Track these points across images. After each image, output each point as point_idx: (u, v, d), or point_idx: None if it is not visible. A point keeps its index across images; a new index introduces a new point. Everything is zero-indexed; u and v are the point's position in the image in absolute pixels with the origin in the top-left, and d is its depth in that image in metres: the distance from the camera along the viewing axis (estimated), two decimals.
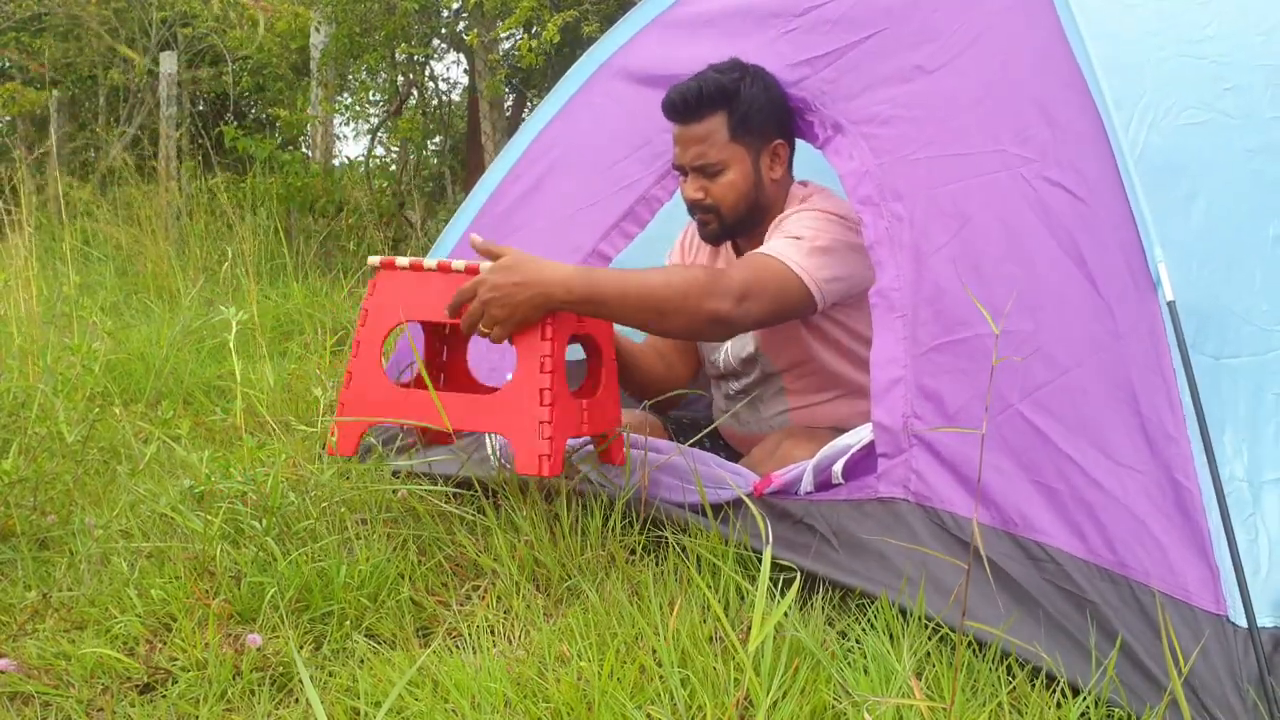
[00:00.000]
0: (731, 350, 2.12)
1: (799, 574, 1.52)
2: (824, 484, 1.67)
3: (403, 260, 1.77)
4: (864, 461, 1.63)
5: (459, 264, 1.72)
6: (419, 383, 1.82)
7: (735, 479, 1.78)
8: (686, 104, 1.94)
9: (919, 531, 1.49)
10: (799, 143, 2.04)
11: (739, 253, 2.10)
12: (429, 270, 1.75)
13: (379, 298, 1.78)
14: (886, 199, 1.71)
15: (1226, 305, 1.34)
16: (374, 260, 1.79)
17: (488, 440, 1.99)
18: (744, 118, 1.93)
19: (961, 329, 1.53)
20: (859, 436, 1.65)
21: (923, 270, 1.62)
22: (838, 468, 1.64)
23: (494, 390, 1.85)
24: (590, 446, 1.93)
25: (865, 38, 1.87)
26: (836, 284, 1.85)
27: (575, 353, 1.94)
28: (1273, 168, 1.47)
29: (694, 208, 2.01)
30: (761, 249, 1.86)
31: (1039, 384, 1.41)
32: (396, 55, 7.02)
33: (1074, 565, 1.31)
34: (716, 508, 1.76)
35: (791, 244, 1.84)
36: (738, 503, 1.72)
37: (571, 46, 5.77)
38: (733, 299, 1.74)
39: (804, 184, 2.07)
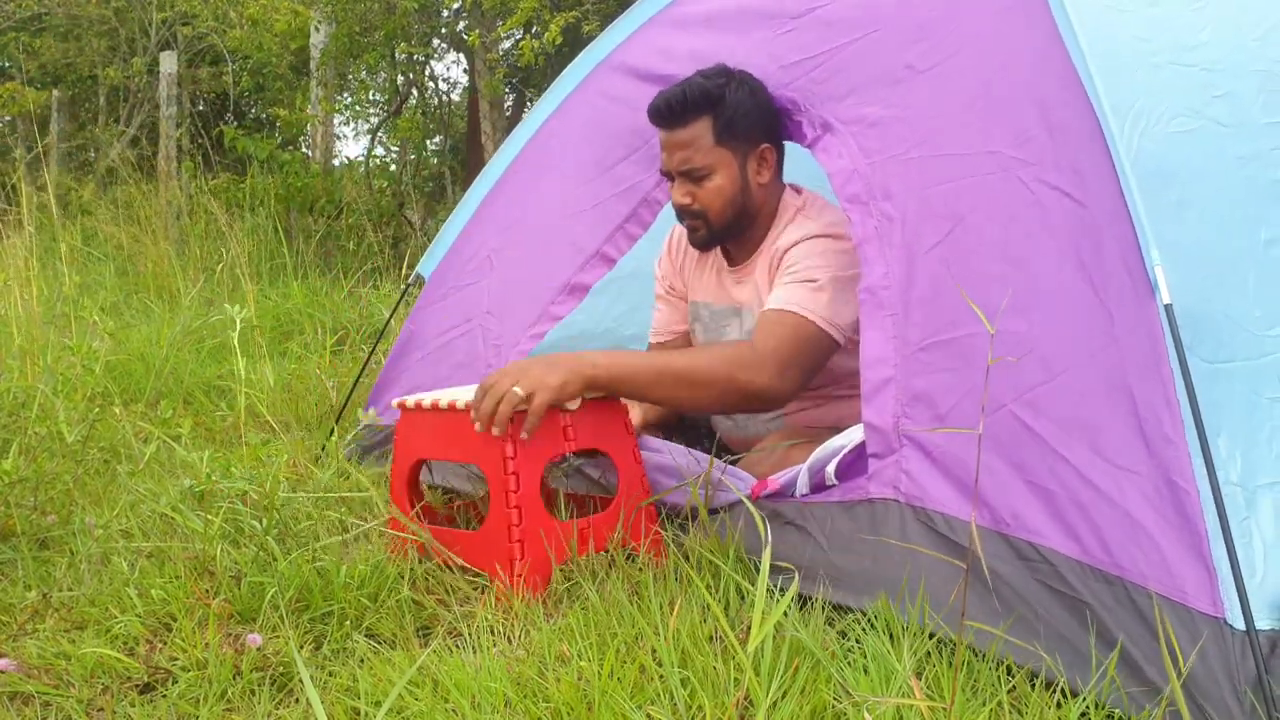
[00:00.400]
0: None
1: (796, 574, 1.52)
2: (818, 485, 1.67)
3: (411, 400, 1.81)
4: (857, 463, 1.64)
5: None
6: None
7: (734, 482, 1.78)
8: (671, 109, 1.94)
9: (909, 531, 1.49)
10: (791, 146, 2.04)
11: (728, 257, 2.10)
12: (441, 410, 1.75)
13: (399, 437, 1.86)
14: (876, 198, 1.71)
15: (1220, 310, 1.34)
16: (395, 402, 1.87)
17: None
18: (729, 122, 1.93)
19: (953, 329, 1.53)
20: (850, 438, 1.66)
21: (914, 270, 1.62)
22: (830, 469, 1.65)
23: None
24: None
25: (857, 38, 1.87)
26: (852, 318, 1.86)
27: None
28: (1265, 174, 1.47)
29: (682, 213, 2.02)
30: (783, 302, 1.86)
31: (1033, 384, 1.41)
32: (396, 55, 7.03)
33: (1068, 566, 1.31)
34: (714, 509, 1.76)
35: (810, 293, 1.84)
36: (734, 505, 1.72)
37: (571, 46, 5.78)
38: (771, 373, 1.77)
39: (797, 191, 2.07)
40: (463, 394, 1.76)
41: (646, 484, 1.80)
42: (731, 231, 2.02)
